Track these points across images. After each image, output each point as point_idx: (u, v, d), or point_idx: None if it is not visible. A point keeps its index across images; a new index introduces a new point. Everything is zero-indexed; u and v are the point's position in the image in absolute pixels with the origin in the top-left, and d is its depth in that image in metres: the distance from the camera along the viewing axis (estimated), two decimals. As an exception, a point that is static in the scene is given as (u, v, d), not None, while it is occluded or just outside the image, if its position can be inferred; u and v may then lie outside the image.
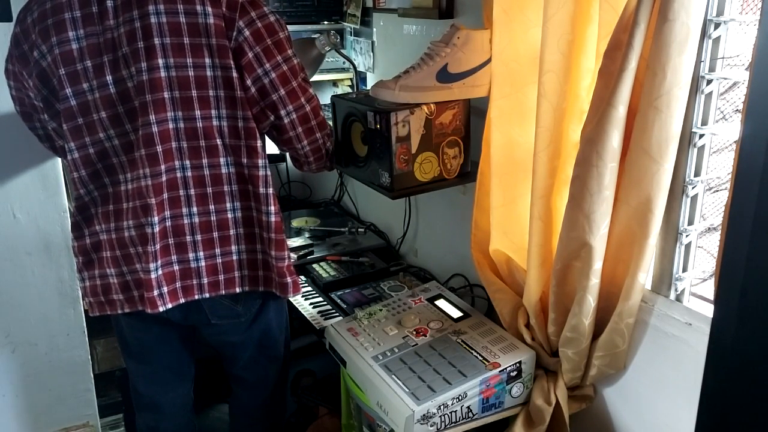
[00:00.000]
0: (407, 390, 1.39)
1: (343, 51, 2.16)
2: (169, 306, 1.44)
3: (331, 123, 1.64)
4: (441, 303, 1.71)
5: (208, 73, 1.34)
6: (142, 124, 1.33)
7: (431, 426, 1.37)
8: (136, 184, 1.37)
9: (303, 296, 1.92)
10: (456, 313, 1.65)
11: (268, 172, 1.45)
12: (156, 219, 1.38)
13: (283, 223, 1.49)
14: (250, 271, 1.49)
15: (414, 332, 1.58)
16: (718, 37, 1.20)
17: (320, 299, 1.91)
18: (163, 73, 1.31)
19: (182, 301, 1.45)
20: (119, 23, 1.31)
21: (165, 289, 1.42)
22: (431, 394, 1.37)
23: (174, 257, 1.43)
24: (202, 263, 1.44)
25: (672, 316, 1.32)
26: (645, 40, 1.13)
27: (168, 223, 1.40)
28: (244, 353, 1.65)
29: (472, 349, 1.50)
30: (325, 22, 2.29)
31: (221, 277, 1.46)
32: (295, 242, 2.17)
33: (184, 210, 1.41)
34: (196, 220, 1.42)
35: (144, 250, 1.39)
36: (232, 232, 1.45)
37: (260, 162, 1.43)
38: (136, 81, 1.32)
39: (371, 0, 2.15)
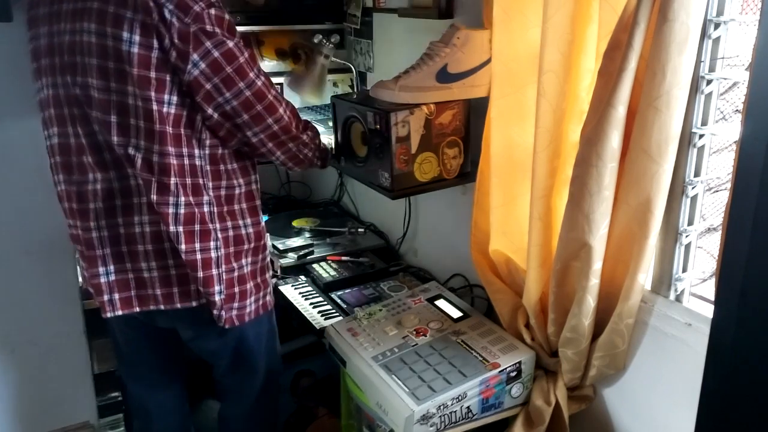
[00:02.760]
0: (407, 390, 1.39)
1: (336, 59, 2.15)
2: (119, 313, 1.43)
3: (330, 123, 1.64)
4: (441, 303, 1.71)
5: (130, 101, 1.27)
6: (74, 133, 1.35)
7: (431, 426, 1.37)
8: (74, 187, 1.38)
9: (303, 296, 1.92)
10: (456, 314, 1.65)
11: (181, 210, 1.35)
12: (91, 225, 1.38)
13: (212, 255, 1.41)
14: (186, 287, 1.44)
15: (414, 332, 1.58)
16: (718, 38, 1.20)
17: (320, 299, 1.90)
18: (93, 93, 1.29)
19: (137, 310, 1.44)
20: (65, 30, 1.29)
21: (116, 296, 1.42)
22: (431, 394, 1.37)
23: (121, 266, 1.41)
24: (155, 274, 1.41)
25: (672, 316, 1.32)
26: (645, 40, 1.13)
27: (105, 233, 1.39)
28: (221, 361, 1.62)
29: (472, 349, 1.50)
30: (326, 23, 2.29)
31: (175, 290, 1.42)
32: (295, 242, 2.17)
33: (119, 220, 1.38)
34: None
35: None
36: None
37: (171, 199, 1.34)
38: (72, 91, 1.31)
39: (371, 0, 2.15)
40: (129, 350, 1.63)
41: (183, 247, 1.36)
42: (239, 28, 1.36)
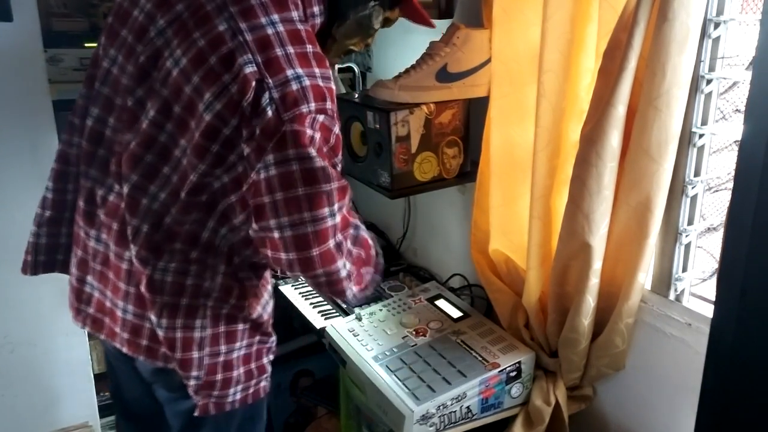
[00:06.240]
0: (407, 390, 1.39)
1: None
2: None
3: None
4: (441, 303, 1.71)
5: (176, 153, 1.07)
6: (113, 126, 1.16)
7: (430, 426, 1.37)
8: (88, 184, 1.20)
9: (303, 296, 1.92)
10: (455, 313, 1.65)
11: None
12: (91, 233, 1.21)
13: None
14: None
15: (414, 332, 1.58)
16: (718, 37, 1.20)
17: (320, 299, 1.90)
18: (143, 120, 1.07)
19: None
20: (154, 17, 1.07)
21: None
22: (431, 394, 1.37)
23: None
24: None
25: (672, 316, 1.32)
26: (645, 39, 1.13)
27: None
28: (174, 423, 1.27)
29: (472, 349, 1.50)
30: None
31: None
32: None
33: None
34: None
35: None
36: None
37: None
38: (124, 88, 1.12)
39: (371, 0, 2.15)
40: (112, 379, 1.39)
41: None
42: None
